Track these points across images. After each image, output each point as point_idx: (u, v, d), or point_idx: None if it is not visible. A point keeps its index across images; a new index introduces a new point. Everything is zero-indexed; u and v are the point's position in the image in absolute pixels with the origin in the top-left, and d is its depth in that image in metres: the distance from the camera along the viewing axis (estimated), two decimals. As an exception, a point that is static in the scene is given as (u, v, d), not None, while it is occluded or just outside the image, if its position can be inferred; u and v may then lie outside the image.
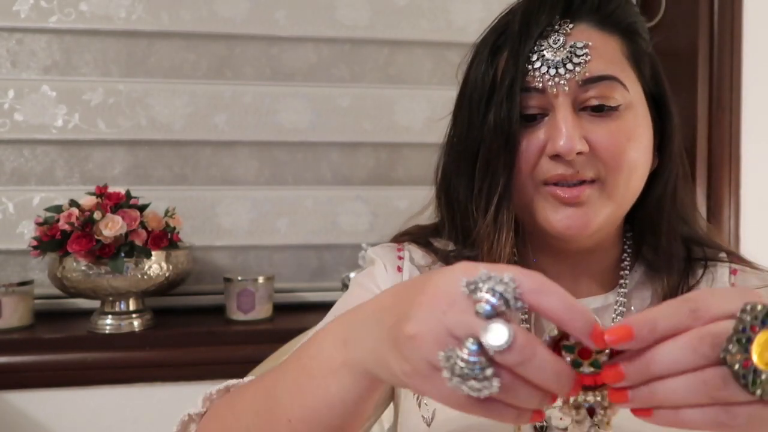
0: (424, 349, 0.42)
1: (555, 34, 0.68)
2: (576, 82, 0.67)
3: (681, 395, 0.42)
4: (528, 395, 0.42)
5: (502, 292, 0.41)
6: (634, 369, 0.43)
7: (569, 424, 0.48)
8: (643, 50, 0.72)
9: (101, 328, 1.26)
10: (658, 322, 0.43)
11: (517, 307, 0.42)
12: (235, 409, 0.60)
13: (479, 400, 0.42)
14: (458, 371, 0.41)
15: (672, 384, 0.42)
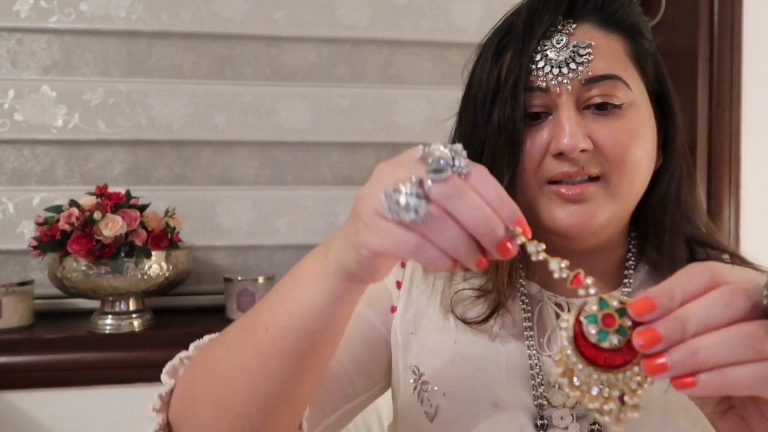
0: (371, 199, 0.48)
1: (558, 34, 0.68)
2: (579, 82, 0.67)
3: (724, 351, 0.40)
4: (455, 233, 0.46)
5: (453, 153, 0.47)
6: (667, 327, 0.42)
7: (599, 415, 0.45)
8: (646, 50, 0.72)
9: (101, 328, 1.26)
10: (676, 289, 0.43)
11: (460, 167, 0.47)
12: (224, 336, 0.62)
13: (413, 240, 0.46)
14: (394, 202, 0.46)
15: (713, 339, 0.41)
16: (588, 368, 0.45)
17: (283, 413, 0.59)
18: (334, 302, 0.54)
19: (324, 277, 0.53)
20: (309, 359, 0.57)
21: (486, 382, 0.70)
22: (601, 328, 0.45)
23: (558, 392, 0.70)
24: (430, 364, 0.72)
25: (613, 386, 0.45)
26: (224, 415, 0.58)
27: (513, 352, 0.71)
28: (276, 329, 0.56)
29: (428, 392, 0.71)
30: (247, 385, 0.57)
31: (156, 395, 0.63)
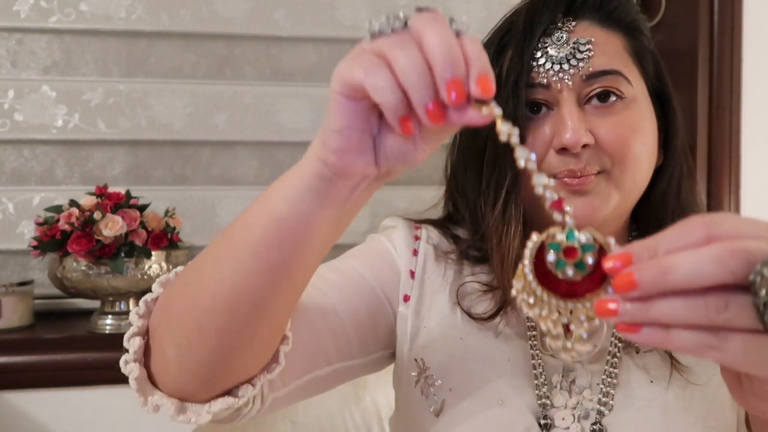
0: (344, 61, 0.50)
1: (558, 32, 0.69)
2: (580, 77, 0.68)
3: (680, 313, 0.38)
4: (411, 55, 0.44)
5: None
6: (648, 277, 0.39)
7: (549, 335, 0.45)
8: (646, 47, 0.73)
9: (101, 328, 1.26)
10: (661, 245, 0.40)
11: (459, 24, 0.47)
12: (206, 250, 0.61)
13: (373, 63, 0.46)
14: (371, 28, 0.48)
15: (672, 301, 0.39)
16: (540, 288, 0.44)
17: (249, 321, 0.55)
18: (308, 188, 0.51)
19: (304, 160, 0.52)
20: (276, 255, 0.53)
21: (492, 380, 0.70)
22: (560, 258, 0.44)
23: (560, 393, 0.70)
24: (436, 358, 0.72)
25: (563, 313, 0.44)
26: (191, 311, 0.56)
27: (517, 351, 0.72)
28: (250, 215, 0.54)
29: (433, 387, 0.71)
30: (215, 277, 0.55)
31: (141, 300, 0.61)
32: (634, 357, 0.71)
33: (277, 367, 0.61)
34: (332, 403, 1.09)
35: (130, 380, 0.60)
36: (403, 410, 0.75)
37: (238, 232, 0.55)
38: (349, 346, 0.71)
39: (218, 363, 0.57)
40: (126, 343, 0.60)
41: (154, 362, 0.61)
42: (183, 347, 0.57)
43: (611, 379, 0.69)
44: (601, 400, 0.69)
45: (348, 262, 0.76)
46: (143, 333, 0.61)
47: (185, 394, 0.60)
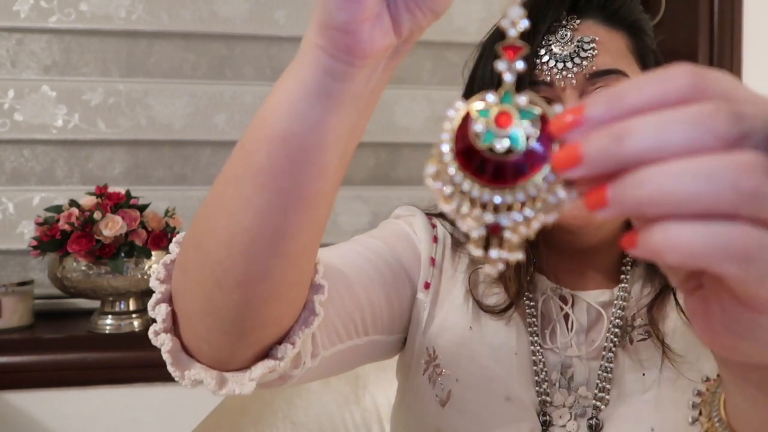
0: None
1: (562, 30, 0.69)
2: (583, 76, 0.68)
3: (690, 184, 0.27)
4: None
5: None
6: (596, 147, 0.29)
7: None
8: (648, 47, 0.74)
9: (101, 328, 1.26)
10: (629, 95, 0.29)
11: None
12: None
13: None
14: None
15: (678, 164, 0.27)
16: (460, 173, 0.32)
17: (270, 266, 0.48)
18: (310, 92, 0.43)
19: (300, 58, 0.44)
20: (287, 183, 0.45)
21: (499, 373, 0.70)
22: (490, 127, 0.32)
23: (558, 391, 0.70)
24: (446, 348, 0.72)
25: (490, 209, 0.32)
26: (206, 266, 0.49)
27: (524, 345, 0.72)
28: (249, 141, 0.46)
29: (441, 376, 0.71)
30: (223, 224, 0.47)
31: (160, 263, 0.55)
32: (628, 349, 0.71)
33: (315, 319, 0.55)
34: (332, 403, 1.09)
35: (163, 353, 0.53)
36: (408, 399, 0.75)
37: (239, 164, 0.47)
38: (381, 321, 0.71)
39: (246, 317, 0.50)
40: (151, 312, 0.54)
41: (182, 329, 0.54)
42: (207, 306, 0.51)
43: (607, 374, 0.70)
44: (597, 395, 0.69)
45: (373, 241, 0.74)
46: (167, 299, 0.54)
47: (222, 359, 0.53)
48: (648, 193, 0.27)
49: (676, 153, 0.28)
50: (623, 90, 0.30)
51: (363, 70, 0.42)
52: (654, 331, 0.71)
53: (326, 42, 0.42)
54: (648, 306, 0.72)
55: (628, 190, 0.28)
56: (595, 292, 0.74)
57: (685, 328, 0.71)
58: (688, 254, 0.27)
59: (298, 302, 0.54)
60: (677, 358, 0.70)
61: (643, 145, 0.28)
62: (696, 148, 0.27)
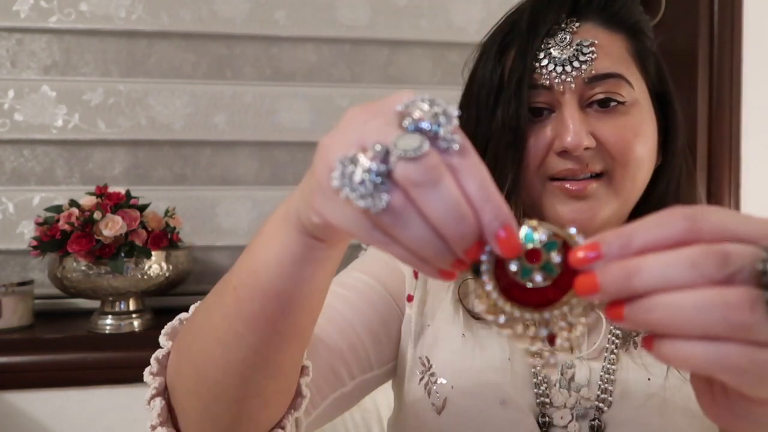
0: (330, 156, 0.39)
1: (562, 33, 0.69)
2: (582, 80, 0.68)
3: (689, 314, 0.34)
4: (420, 232, 0.37)
5: (438, 116, 0.37)
6: (611, 280, 0.35)
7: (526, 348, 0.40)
8: (648, 49, 0.73)
9: (101, 328, 1.26)
10: (636, 236, 0.36)
11: (445, 140, 0.36)
12: (205, 298, 0.57)
13: (370, 229, 0.38)
14: (348, 176, 0.37)
15: (679, 298, 0.34)
16: (508, 305, 0.39)
17: (265, 384, 0.54)
18: (298, 260, 0.47)
19: (286, 231, 0.47)
20: (279, 325, 0.50)
21: (493, 378, 0.70)
22: (524, 264, 0.38)
23: (559, 391, 0.70)
24: (440, 356, 0.72)
25: (541, 325, 0.39)
26: (204, 383, 0.53)
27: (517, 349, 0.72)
28: (242, 289, 0.50)
29: (436, 384, 0.71)
30: (220, 352, 0.52)
31: (152, 357, 0.59)
32: (632, 354, 0.71)
33: (303, 401, 0.59)
34: (332, 403, 1.08)
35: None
36: (404, 409, 0.75)
37: (232, 310, 0.51)
38: (367, 359, 0.72)
39: (243, 422, 0.55)
40: (147, 407, 0.57)
41: (180, 422, 0.58)
42: (204, 414, 0.55)
43: (609, 376, 0.69)
44: (599, 397, 0.69)
45: (353, 275, 0.76)
46: (162, 392, 0.58)
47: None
48: (655, 318, 0.35)
49: (676, 287, 0.34)
50: (632, 232, 0.36)
51: (344, 243, 0.48)
52: None
53: (312, 229, 0.45)
54: None
55: (639, 313, 0.35)
56: None
57: None
58: (690, 365, 0.35)
59: (288, 401, 0.58)
60: None
61: (649, 282, 0.35)
62: (692, 285, 0.34)
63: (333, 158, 0.38)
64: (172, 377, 0.57)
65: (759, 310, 0.33)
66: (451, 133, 0.37)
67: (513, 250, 0.37)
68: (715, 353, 0.34)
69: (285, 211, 0.48)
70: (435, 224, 0.37)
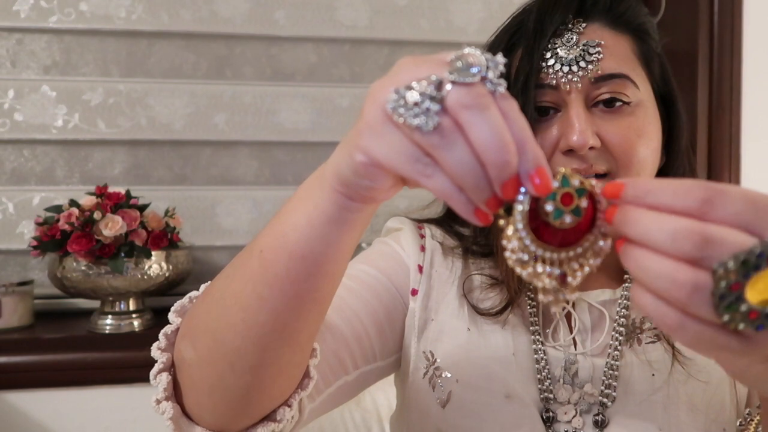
0: (381, 95, 0.41)
1: (568, 33, 0.70)
2: (588, 80, 0.68)
3: (649, 274, 0.39)
4: (464, 156, 0.39)
5: (488, 61, 0.40)
6: (617, 217, 0.42)
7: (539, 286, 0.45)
8: (653, 50, 0.74)
9: (101, 328, 1.26)
10: (654, 193, 0.40)
11: (492, 83, 0.40)
12: (227, 266, 0.58)
13: (415, 155, 0.40)
14: (403, 99, 0.40)
15: (647, 258, 0.39)
16: (534, 244, 0.44)
17: (281, 353, 0.54)
18: (328, 221, 0.48)
19: (320, 190, 0.48)
20: (302, 289, 0.51)
21: (498, 372, 0.70)
22: (558, 206, 0.43)
23: (563, 387, 0.70)
24: (444, 350, 0.73)
25: (556, 265, 0.44)
26: (220, 350, 0.54)
27: (522, 344, 0.72)
28: (269, 251, 0.51)
29: (441, 378, 0.71)
30: (241, 317, 0.52)
31: (161, 333, 0.59)
32: (636, 350, 0.71)
33: (310, 382, 0.60)
34: (332, 403, 1.08)
35: (165, 420, 0.57)
36: (409, 404, 0.75)
37: (257, 271, 0.52)
38: (371, 349, 0.72)
39: (254, 394, 0.55)
40: (153, 381, 0.58)
41: (186, 397, 0.58)
42: (216, 384, 0.55)
43: (613, 372, 0.70)
44: (603, 392, 0.69)
45: (359, 267, 0.76)
46: (169, 368, 0.59)
47: (223, 425, 0.58)
48: (629, 265, 0.41)
49: (652, 248, 0.39)
50: (650, 189, 0.40)
51: (374, 205, 0.49)
52: (663, 335, 0.71)
53: (346, 191, 0.47)
54: None
55: (622, 255, 0.42)
56: (595, 292, 0.74)
57: None
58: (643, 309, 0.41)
59: (300, 376, 0.59)
60: (687, 360, 0.70)
61: (634, 235, 0.40)
62: (663, 252, 0.39)
63: (384, 96, 0.41)
64: (181, 351, 0.57)
65: (700, 295, 0.38)
66: (498, 78, 0.40)
67: (546, 189, 0.41)
68: (656, 308, 0.40)
69: (320, 173, 0.49)
70: (478, 149, 0.39)
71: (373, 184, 0.45)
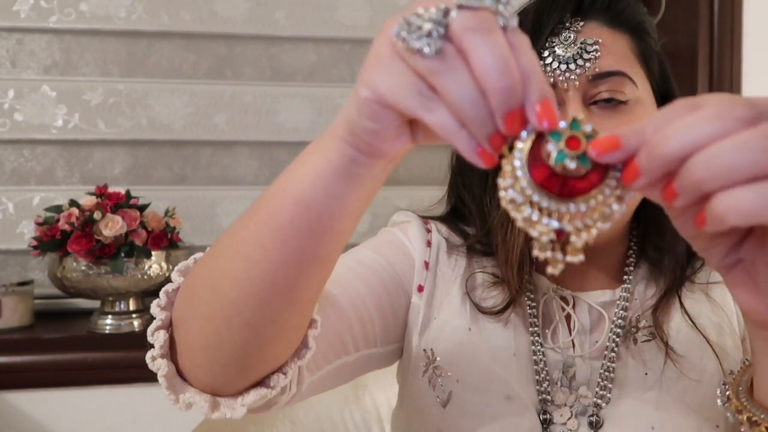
0: (391, 25, 0.40)
1: (566, 32, 0.70)
2: (586, 78, 0.68)
3: (733, 157, 0.34)
4: (466, 85, 0.38)
5: None
6: (646, 155, 0.37)
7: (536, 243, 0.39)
8: (652, 48, 0.73)
9: (101, 328, 1.26)
10: (648, 125, 0.38)
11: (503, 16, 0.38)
12: (233, 224, 0.56)
13: (417, 85, 0.39)
14: (408, 24, 0.38)
15: (719, 147, 0.34)
16: (532, 187, 0.38)
17: (280, 311, 0.53)
18: (335, 173, 0.47)
19: (329, 143, 0.47)
20: (307, 244, 0.50)
21: (499, 373, 0.70)
22: (562, 149, 0.38)
23: (560, 390, 0.70)
24: (445, 349, 0.73)
25: (557, 216, 0.39)
26: (218, 303, 0.53)
27: (522, 345, 0.72)
28: (275, 201, 0.50)
29: (441, 377, 0.71)
30: (242, 268, 0.51)
31: (161, 291, 0.58)
32: (631, 349, 0.71)
33: (307, 352, 0.59)
34: (332, 403, 1.09)
35: (159, 377, 0.56)
36: (409, 401, 0.75)
37: (263, 220, 0.51)
38: (373, 334, 0.72)
39: (250, 354, 0.54)
40: (150, 338, 0.57)
41: (181, 355, 0.57)
42: (212, 340, 0.54)
43: (609, 373, 0.70)
44: (598, 393, 0.69)
45: (366, 253, 0.76)
46: (167, 326, 0.58)
47: (216, 386, 0.57)
48: (701, 174, 0.35)
49: (708, 141, 0.35)
50: (643, 124, 0.37)
51: (382, 161, 0.47)
52: (658, 333, 0.71)
53: (352, 140, 0.45)
54: (653, 308, 0.72)
55: (686, 179, 0.36)
56: (595, 293, 0.74)
57: (689, 329, 0.71)
58: (747, 213, 0.34)
59: (297, 341, 0.58)
60: (680, 359, 0.70)
61: (681, 142, 0.35)
62: (723, 133, 0.34)
63: (393, 28, 0.40)
64: (179, 307, 0.57)
65: None
66: (509, 14, 0.39)
67: (551, 122, 0.38)
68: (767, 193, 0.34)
69: (332, 127, 0.48)
70: (479, 74, 0.38)
71: (376, 126, 0.43)
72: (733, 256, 0.43)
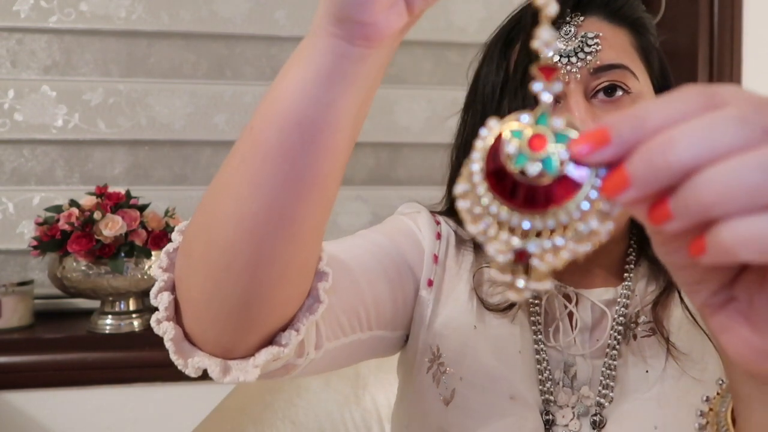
0: None
1: (566, 26, 0.70)
2: (587, 71, 0.68)
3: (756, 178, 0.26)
4: None
5: None
6: (642, 165, 0.28)
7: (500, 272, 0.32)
8: (652, 44, 0.74)
9: (101, 328, 1.26)
10: (650, 113, 0.29)
11: None
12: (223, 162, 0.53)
13: None
14: None
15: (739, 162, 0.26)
16: (489, 194, 0.31)
17: (280, 249, 0.48)
18: (325, 76, 0.43)
19: (312, 45, 0.43)
20: (299, 165, 0.45)
21: (503, 373, 0.70)
22: (522, 149, 0.30)
23: (562, 390, 0.70)
24: (450, 346, 0.72)
25: (518, 234, 0.31)
26: (214, 247, 0.49)
27: (527, 343, 0.72)
28: (259, 125, 0.45)
29: (445, 374, 0.71)
30: (233, 208, 0.48)
31: (163, 252, 0.55)
32: (631, 345, 0.71)
33: (320, 306, 0.55)
34: (332, 403, 1.09)
35: (166, 341, 0.53)
36: (411, 398, 0.75)
37: (248, 147, 0.46)
38: (385, 316, 0.71)
39: (253, 301, 0.50)
40: (153, 300, 0.54)
41: (185, 316, 0.54)
42: (213, 291, 0.50)
43: (611, 372, 0.70)
44: (600, 392, 0.69)
45: (378, 238, 0.74)
46: (170, 287, 0.55)
47: (226, 345, 0.53)
48: (714, 194, 0.27)
49: (726, 153, 0.27)
50: (643, 110, 0.29)
51: (379, 50, 0.43)
52: (658, 329, 0.71)
53: (342, 31, 0.41)
54: (653, 303, 0.72)
55: (690, 196, 0.27)
56: (599, 291, 0.74)
57: (690, 325, 0.71)
58: (758, 247, 0.27)
59: (303, 287, 0.54)
60: (681, 355, 0.70)
61: (691, 151, 0.27)
62: (745, 145, 0.27)
63: None
64: (181, 265, 0.54)
65: None
66: None
67: None
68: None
69: (312, 29, 0.44)
70: None
71: (368, 9, 0.40)
72: (724, 293, 0.34)
